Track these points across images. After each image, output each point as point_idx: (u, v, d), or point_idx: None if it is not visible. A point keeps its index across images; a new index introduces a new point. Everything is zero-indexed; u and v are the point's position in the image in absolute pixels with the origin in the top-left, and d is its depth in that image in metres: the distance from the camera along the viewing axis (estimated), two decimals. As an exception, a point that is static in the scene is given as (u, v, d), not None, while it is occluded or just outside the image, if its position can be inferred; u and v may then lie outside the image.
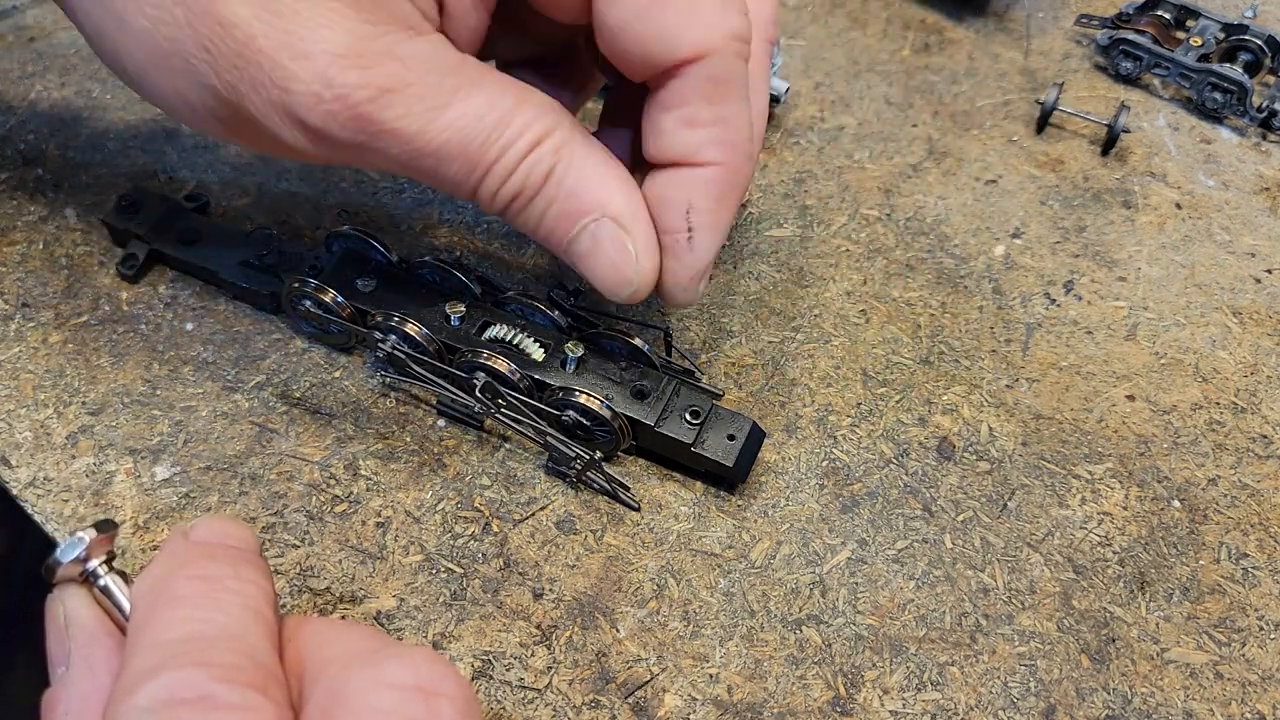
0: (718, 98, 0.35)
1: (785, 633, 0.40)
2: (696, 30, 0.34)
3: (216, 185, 0.53)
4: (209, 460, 0.43)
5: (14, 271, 0.48)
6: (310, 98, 0.33)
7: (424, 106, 0.34)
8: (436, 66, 0.34)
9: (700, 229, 0.37)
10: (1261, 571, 0.42)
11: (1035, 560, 0.42)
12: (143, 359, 0.46)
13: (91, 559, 0.31)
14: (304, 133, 0.34)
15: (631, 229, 0.37)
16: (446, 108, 0.34)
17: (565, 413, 0.42)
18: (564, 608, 0.40)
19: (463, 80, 0.34)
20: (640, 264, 0.37)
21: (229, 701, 0.26)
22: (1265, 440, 0.46)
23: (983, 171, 0.57)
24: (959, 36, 0.65)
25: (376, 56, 0.33)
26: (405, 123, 0.33)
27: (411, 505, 0.42)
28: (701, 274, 0.38)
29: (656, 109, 0.36)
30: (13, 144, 0.54)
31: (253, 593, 0.29)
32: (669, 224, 0.37)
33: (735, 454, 0.41)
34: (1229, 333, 0.50)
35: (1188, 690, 0.39)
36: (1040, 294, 0.51)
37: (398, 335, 0.43)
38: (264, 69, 0.33)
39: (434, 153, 0.34)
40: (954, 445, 0.45)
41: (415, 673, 0.27)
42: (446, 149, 0.34)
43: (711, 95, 0.35)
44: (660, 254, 0.38)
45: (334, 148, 0.34)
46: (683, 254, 0.38)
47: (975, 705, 0.38)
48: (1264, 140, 0.60)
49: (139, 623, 0.29)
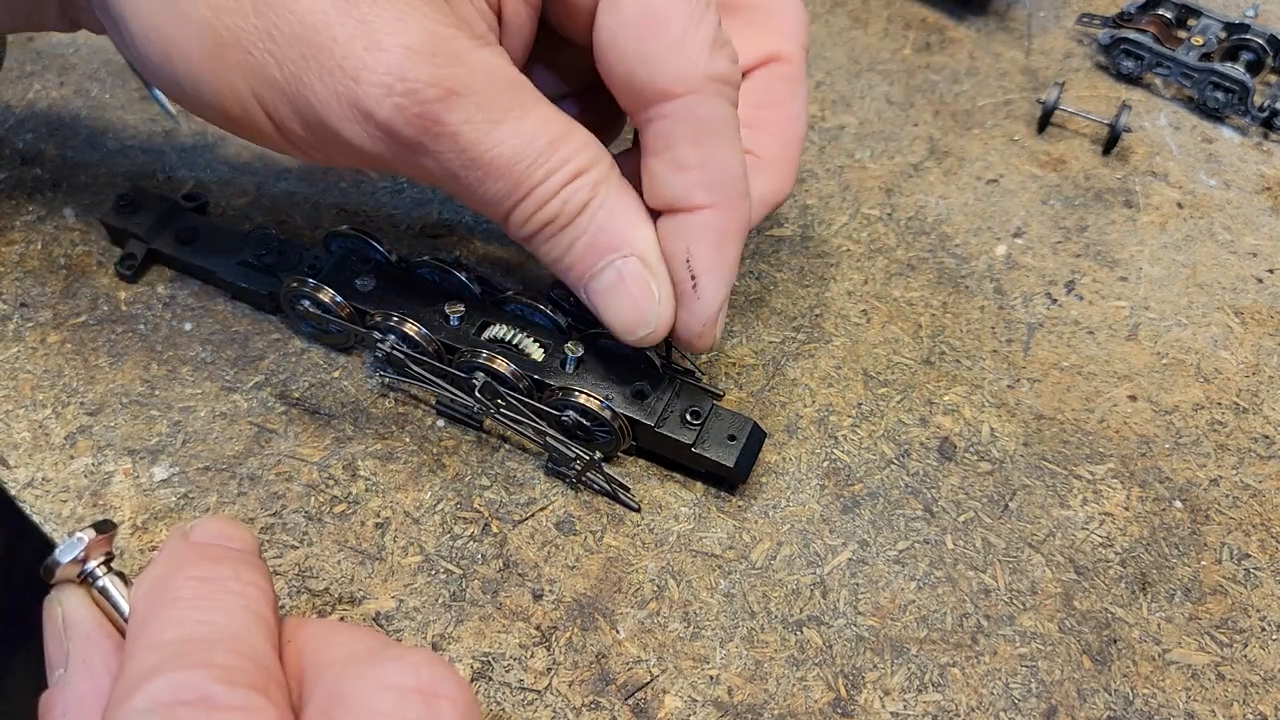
0: (702, 139, 0.36)
1: (786, 634, 0.39)
2: (680, 65, 0.35)
3: (215, 185, 0.53)
4: (207, 461, 0.43)
5: (12, 271, 0.48)
6: (381, 89, 0.32)
7: (482, 117, 0.34)
8: (498, 80, 0.34)
9: (703, 275, 0.38)
10: (1263, 572, 0.42)
11: (1037, 561, 0.42)
12: (141, 359, 0.46)
13: (90, 560, 0.31)
14: (367, 126, 0.33)
15: (657, 270, 0.37)
16: (500, 123, 0.34)
17: (565, 413, 0.42)
18: (564, 609, 0.40)
19: (518, 99, 0.35)
20: (662, 306, 0.38)
21: (230, 703, 0.26)
22: (1267, 440, 0.46)
23: (984, 171, 0.57)
24: (960, 36, 0.65)
25: (449, 58, 0.33)
26: (466, 129, 0.34)
27: (410, 506, 0.42)
28: (713, 320, 0.39)
29: (649, 154, 0.37)
30: (11, 143, 0.54)
31: (253, 594, 0.29)
32: (674, 274, 0.38)
33: (736, 454, 0.41)
34: (1231, 333, 0.50)
35: (1189, 691, 0.39)
36: (1042, 294, 0.51)
37: (397, 335, 0.43)
38: (335, 57, 0.32)
39: (484, 165, 0.35)
40: (955, 446, 0.45)
41: (415, 674, 0.27)
42: (496, 164, 0.35)
43: (696, 137, 0.36)
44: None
45: (393, 145, 0.34)
46: (691, 303, 0.38)
47: (976, 706, 0.38)
48: (1265, 140, 0.60)
49: (138, 624, 0.29)
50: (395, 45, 0.32)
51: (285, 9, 0.32)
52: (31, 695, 0.30)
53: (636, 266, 0.37)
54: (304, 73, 0.33)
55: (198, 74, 0.34)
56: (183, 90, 0.35)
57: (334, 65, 0.33)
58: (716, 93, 0.36)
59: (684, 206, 0.37)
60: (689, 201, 0.37)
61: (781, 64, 0.43)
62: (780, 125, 0.43)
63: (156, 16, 0.34)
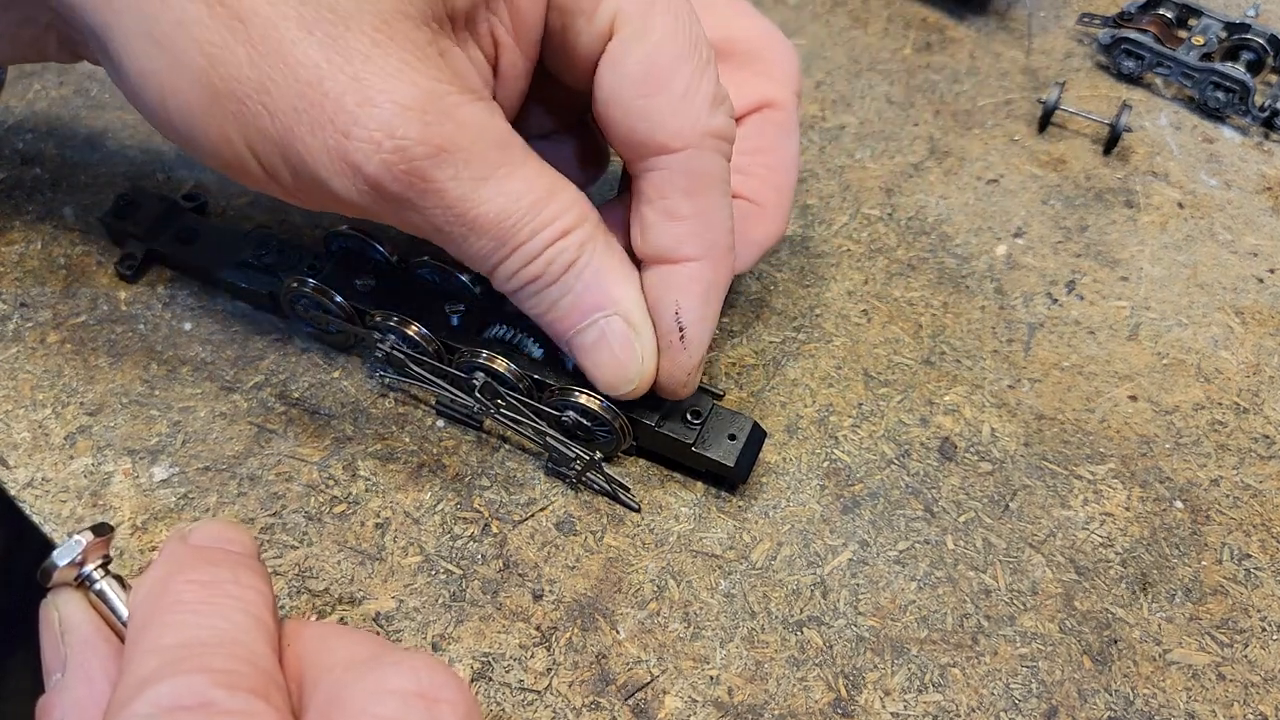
0: (697, 192, 0.37)
1: (786, 634, 0.39)
2: (681, 121, 0.36)
3: (214, 185, 0.53)
4: (207, 461, 0.43)
5: (12, 271, 0.48)
6: (370, 145, 0.33)
7: (470, 174, 0.34)
8: (487, 136, 0.35)
9: (690, 326, 0.39)
10: (1264, 572, 0.42)
11: (1037, 561, 0.42)
12: (141, 359, 0.45)
13: (87, 563, 0.31)
14: (355, 180, 0.34)
15: (641, 329, 0.38)
16: (487, 181, 0.35)
17: (565, 413, 0.42)
18: (564, 609, 0.39)
19: (507, 157, 0.35)
20: (644, 364, 0.39)
21: (230, 708, 0.26)
22: (1268, 441, 0.46)
23: (984, 171, 0.57)
24: (960, 35, 0.65)
25: (439, 114, 0.33)
26: (453, 185, 0.34)
27: (410, 506, 0.42)
28: (697, 369, 0.40)
29: (641, 201, 0.38)
30: (10, 143, 0.54)
31: (253, 598, 0.29)
32: (661, 325, 0.39)
33: (736, 454, 0.41)
34: (1231, 333, 0.50)
35: (1190, 691, 0.39)
36: (1042, 294, 0.51)
37: (397, 335, 0.43)
38: (326, 112, 0.33)
39: (470, 222, 0.35)
40: (956, 446, 0.45)
41: (416, 679, 0.27)
42: (481, 221, 0.35)
43: (690, 189, 0.37)
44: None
45: (379, 200, 0.34)
46: (677, 353, 0.39)
47: (977, 707, 0.38)
48: (1266, 140, 0.60)
49: (137, 628, 0.29)
50: (387, 101, 0.32)
51: (280, 61, 0.32)
52: (31, 696, 0.30)
53: (620, 325, 0.38)
54: (295, 124, 0.33)
55: (192, 120, 0.34)
56: (177, 133, 0.35)
57: (325, 119, 0.33)
58: (714, 148, 0.37)
59: (674, 258, 0.38)
60: (679, 253, 0.38)
61: (775, 110, 0.44)
62: (773, 171, 0.44)
63: (153, 62, 0.34)
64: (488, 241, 0.36)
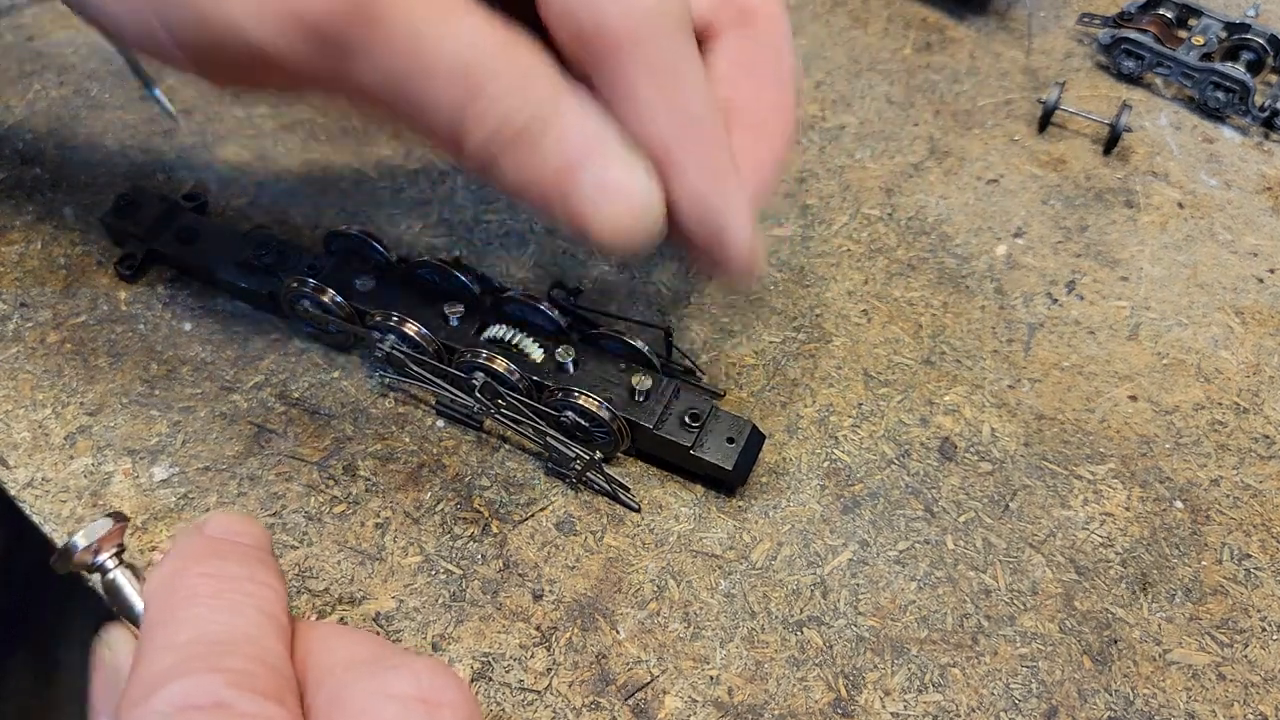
0: (659, 81, 0.32)
1: (786, 634, 0.39)
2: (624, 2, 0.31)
3: (214, 185, 0.53)
4: (207, 461, 0.43)
5: (12, 271, 0.48)
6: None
7: (425, 11, 0.30)
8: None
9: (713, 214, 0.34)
10: (1264, 572, 0.42)
11: (1037, 561, 0.42)
12: (141, 359, 0.45)
13: (102, 551, 0.30)
14: (287, 24, 0.29)
15: (634, 161, 0.33)
16: (444, 21, 0.30)
17: (564, 414, 0.42)
18: (564, 609, 0.39)
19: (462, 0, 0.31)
20: (653, 193, 0.33)
21: (244, 710, 0.25)
22: (1268, 441, 0.46)
23: (984, 171, 0.57)
24: (960, 35, 0.65)
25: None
26: (405, 17, 0.30)
27: (410, 506, 0.42)
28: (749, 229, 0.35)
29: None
30: (10, 143, 0.54)
31: (268, 595, 0.29)
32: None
33: (734, 457, 0.41)
34: (1231, 333, 0.50)
35: (1190, 692, 0.39)
36: (1042, 294, 0.51)
37: (396, 335, 0.43)
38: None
39: (429, 65, 0.30)
40: (956, 446, 0.45)
41: (417, 682, 0.27)
42: (439, 66, 0.30)
43: (652, 80, 0.32)
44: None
45: (314, 48, 0.30)
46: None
47: (977, 707, 0.38)
48: (1266, 140, 0.60)
49: (152, 621, 0.28)
50: None
51: None
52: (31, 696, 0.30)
53: (617, 158, 0.33)
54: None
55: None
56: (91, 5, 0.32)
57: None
58: (667, 29, 0.32)
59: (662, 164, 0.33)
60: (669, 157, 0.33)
61: (755, 25, 0.38)
62: (763, 89, 0.38)
63: None
64: (453, 89, 0.30)
